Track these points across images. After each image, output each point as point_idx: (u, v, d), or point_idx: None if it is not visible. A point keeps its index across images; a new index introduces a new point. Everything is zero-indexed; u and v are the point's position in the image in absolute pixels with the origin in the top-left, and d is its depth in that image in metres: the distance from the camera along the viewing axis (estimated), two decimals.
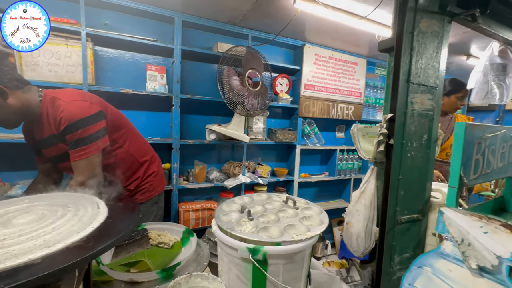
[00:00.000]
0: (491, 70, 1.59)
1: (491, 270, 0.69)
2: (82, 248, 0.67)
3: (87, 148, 1.17)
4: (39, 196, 1.01)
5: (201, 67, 2.32)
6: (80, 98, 1.23)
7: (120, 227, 0.79)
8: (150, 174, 1.68)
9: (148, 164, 1.58)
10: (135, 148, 1.50)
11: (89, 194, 1.05)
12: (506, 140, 1.02)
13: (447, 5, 1.15)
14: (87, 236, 0.73)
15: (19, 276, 0.53)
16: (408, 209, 1.18)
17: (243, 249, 0.94)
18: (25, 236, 0.70)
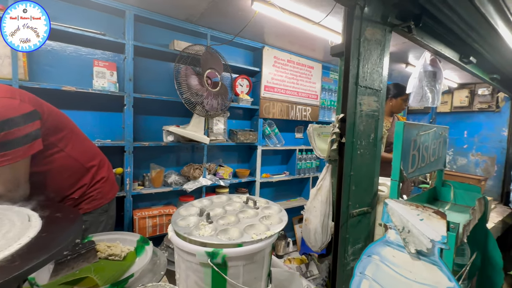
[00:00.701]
0: (425, 76, 1.81)
1: (426, 253, 0.77)
2: (4, 269, 0.58)
3: (10, 154, 1.00)
4: None
5: (156, 65, 2.20)
6: (7, 95, 1.06)
7: (57, 241, 0.70)
8: (99, 181, 1.53)
9: (95, 170, 1.44)
10: (79, 152, 1.35)
11: (18, 206, 0.91)
12: (437, 138, 1.16)
13: (387, 17, 1.27)
14: (12, 254, 0.63)
15: None
16: (359, 202, 1.27)
17: (201, 254, 0.91)
18: None
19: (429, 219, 0.77)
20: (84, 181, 1.39)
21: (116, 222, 2.01)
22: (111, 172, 1.67)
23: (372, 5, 1.19)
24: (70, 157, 1.31)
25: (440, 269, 0.75)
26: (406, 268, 0.83)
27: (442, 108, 4.07)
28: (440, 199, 1.29)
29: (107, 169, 1.60)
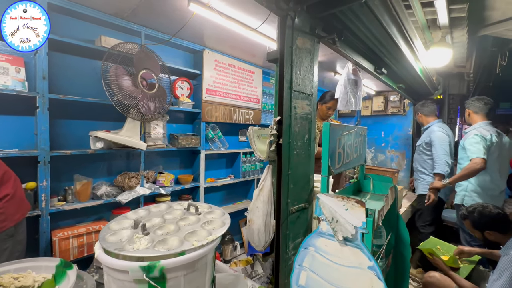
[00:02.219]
0: (348, 84, 2.06)
1: (351, 239, 0.87)
2: None
3: None
4: None
5: (80, 62, 1.93)
6: None
7: None
8: (1, 199, 1.27)
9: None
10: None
11: None
12: (358, 137, 1.33)
13: (315, 29, 1.40)
14: None
15: None
16: (298, 199, 1.36)
17: (135, 269, 0.83)
18: None
19: (352, 208, 0.87)
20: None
21: (29, 247, 1.69)
22: (18, 188, 1.40)
23: (301, 17, 1.30)
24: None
25: (362, 251, 0.85)
26: (336, 255, 0.92)
27: (365, 112, 4.70)
28: (363, 191, 1.49)
29: (13, 185, 1.34)
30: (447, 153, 2.58)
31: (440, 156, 2.58)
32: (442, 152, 2.58)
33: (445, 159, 2.55)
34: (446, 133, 2.69)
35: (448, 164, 2.54)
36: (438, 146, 2.61)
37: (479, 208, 1.70)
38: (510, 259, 1.37)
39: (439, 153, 2.59)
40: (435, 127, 2.73)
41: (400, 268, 1.39)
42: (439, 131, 2.68)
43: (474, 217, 1.69)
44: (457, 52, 3.40)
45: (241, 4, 1.60)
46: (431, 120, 2.85)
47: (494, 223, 1.61)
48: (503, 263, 1.40)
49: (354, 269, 0.87)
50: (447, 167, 2.52)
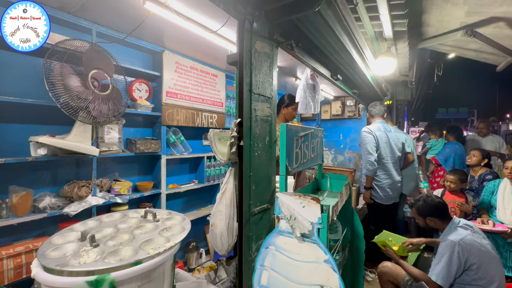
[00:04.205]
0: (307, 88, 2.16)
1: (308, 235, 0.90)
2: None
3: None
4: None
5: (19, 60, 1.72)
6: None
7: None
8: None
9: None
10: None
11: None
12: (314, 138, 1.40)
13: (274, 34, 1.45)
14: None
15: None
16: (260, 200, 1.37)
17: (81, 286, 0.75)
18: None
19: (309, 205, 0.91)
20: None
21: None
22: None
23: (260, 22, 1.33)
24: None
25: (318, 246, 0.89)
26: (295, 252, 0.95)
27: (324, 116, 4.97)
28: (321, 189, 1.56)
29: None
30: (368, 152, 2.64)
31: (363, 155, 2.75)
32: (364, 151, 2.72)
33: (367, 158, 2.65)
34: (369, 131, 2.70)
35: (369, 162, 2.63)
36: (362, 145, 2.76)
37: (423, 197, 1.90)
38: (447, 244, 1.55)
39: (362, 152, 2.77)
40: (365, 127, 2.81)
41: (356, 260, 1.49)
42: (364, 130, 2.76)
43: (419, 205, 1.89)
44: (401, 62, 3.81)
45: (201, 6, 1.59)
46: (375, 120, 2.91)
47: (435, 210, 1.81)
48: (441, 248, 1.58)
49: (312, 264, 0.90)
50: (368, 165, 2.64)
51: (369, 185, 2.72)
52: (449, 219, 1.78)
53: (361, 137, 2.77)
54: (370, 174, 2.66)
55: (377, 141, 2.69)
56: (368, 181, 2.71)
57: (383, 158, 2.72)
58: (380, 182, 2.72)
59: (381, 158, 2.70)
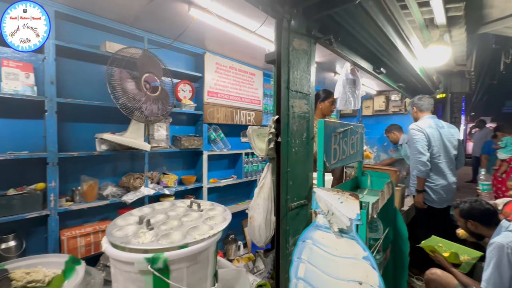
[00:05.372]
0: (347, 84, 2.10)
1: (346, 230, 0.90)
2: None
3: None
4: None
5: (86, 67, 2.00)
6: None
7: None
8: None
9: None
10: None
11: None
12: (354, 134, 1.36)
13: (311, 30, 1.44)
14: None
15: None
16: (297, 196, 1.39)
17: (141, 261, 0.87)
18: None
19: (347, 201, 0.90)
20: None
21: (38, 246, 1.75)
22: None
23: (297, 19, 1.34)
24: None
25: (357, 242, 0.89)
26: (333, 247, 0.95)
27: (366, 112, 4.72)
28: (360, 187, 1.51)
29: None
30: (418, 151, 2.40)
31: (412, 156, 2.48)
32: (413, 150, 2.46)
33: (417, 158, 2.41)
34: (419, 128, 2.46)
35: (420, 162, 2.39)
36: (411, 144, 2.50)
37: (471, 200, 1.73)
38: (494, 247, 1.42)
39: (412, 152, 2.49)
40: (413, 124, 2.56)
41: (399, 262, 1.42)
42: (412, 128, 2.51)
43: (463, 207, 1.72)
44: (457, 51, 3.42)
45: (240, 7, 1.66)
46: (424, 115, 2.65)
47: (480, 216, 1.64)
48: (488, 252, 1.45)
49: (350, 260, 0.90)
50: (420, 166, 2.40)
51: (422, 188, 2.47)
52: (495, 225, 1.59)
53: (409, 136, 2.53)
54: (423, 175, 2.41)
55: (429, 139, 2.44)
56: (420, 183, 2.46)
57: (436, 157, 2.47)
58: (432, 184, 2.47)
59: (433, 158, 2.46)
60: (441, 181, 2.47)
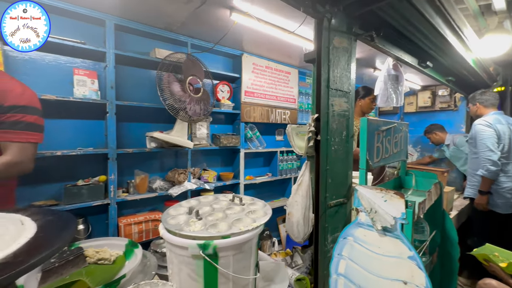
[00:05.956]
0: (388, 80, 2.01)
1: (390, 229, 0.90)
2: (11, 264, 0.61)
3: (38, 135, 1.18)
4: None
5: (138, 72, 2.23)
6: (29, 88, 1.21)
7: (58, 238, 0.73)
8: None
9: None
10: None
11: (7, 213, 0.93)
12: (398, 132, 1.32)
13: (352, 27, 1.43)
14: (14, 252, 0.66)
15: None
16: (336, 194, 1.40)
17: (193, 246, 0.97)
18: None
19: (391, 199, 0.90)
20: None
21: (100, 230, 2.00)
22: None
23: (338, 17, 1.34)
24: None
25: (402, 241, 0.88)
26: (375, 245, 0.95)
27: (409, 109, 4.42)
28: (404, 187, 1.46)
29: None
30: (488, 149, 2.19)
31: (479, 154, 2.26)
32: (482, 148, 2.23)
33: (486, 157, 2.19)
34: (488, 124, 2.27)
35: (490, 162, 2.17)
36: (478, 141, 2.28)
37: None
38: None
39: (479, 150, 2.26)
40: (480, 120, 2.36)
41: (447, 267, 1.34)
42: (479, 123, 2.31)
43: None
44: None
45: (278, 9, 1.70)
46: (489, 111, 2.44)
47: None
48: None
49: (394, 259, 0.90)
50: (488, 165, 2.18)
51: (487, 189, 2.26)
52: None
53: (475, 132, 2.32)
54: (491, 176, 2.19)
55: (499, 136, 2.22)
56: (486, 184, 2.25)
57: (504, 157, 2.23)
58: (498, 186, 2.26)
59: (501, 157, 2.24)
60: (509, 184, 2.23)
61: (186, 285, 1.05)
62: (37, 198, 1.78)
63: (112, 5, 1.74)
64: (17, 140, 1.11)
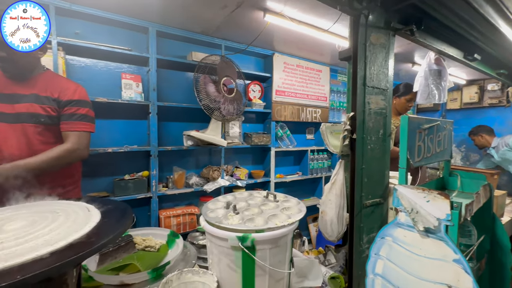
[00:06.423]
0: (430, 75, 1.90)
1: (434, 230, 0.87)
2: (85, 243, 0.72)
3: (92, 125, 1.34)
4: (22, 206, 1.01)
5: (176, 75, 2.37)
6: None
7: (120, 224, 0.84)
8: None
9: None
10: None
11: (74, 201, 1.07)
12: (441, 130, 1.25)
13: (390, 22, 1.38)
14: (87, 233, 0.77)
15: (28, 270, 0.56)
16: (372, 194, 1.37)
17: (233, 238, 1.03)
18: (22, 238, 0.72)
19: (434, 200, 0.87)
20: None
21: (143, 221, 2.17)
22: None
23: (375, 13, 1.31)
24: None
25: (446, 243, 0.85)
26: (416, 246, 0.93)
27: (452, 105, 4.09)
28: (448, 188, 1.38)
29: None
30: None
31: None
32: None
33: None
34: None
35: None
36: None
37: None
38: None
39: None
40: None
41: (498, 275, 1.24)
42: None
43: None
44: None
45: (312, 8, 1.70)
46: None
47: None
48: None
49: (437, 261, 0.87)
50: None
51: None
52: None
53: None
54: None
55: None
56: None
57: None
58: None
59: None
60: None
61: (225, 275, 1.12)
62: (91, 190, 2.00)
63: (155, 13, 1.88)
64: (74, 130, 1.27)
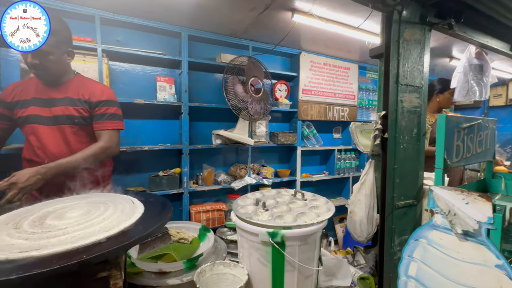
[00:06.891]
0: (470, 70, 1.78)
1: (473, 234, 0.84)
2: (134, 231, 0.81)
3: (121, 123, 1.42)
4: (76, 197, 1.15)
5: (205, 76, 2.47)
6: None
7: (162, 214, 0.92)
8: None
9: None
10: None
11: (120, 194, 1.18)
12: (483, 129, 1.18)
13: (426, 17, 1.33)
14: (135, 222, 0.86)
15: (90, 252, 0.65)
16: (404, 195, 1.33)
17: (264, 234, 1.07)
18: (82, 225, 0.83)
19: (474, 202, 0.83)
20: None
21: (175, 215, 2.30)
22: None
23: (410, 8, 1.27)
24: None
25: (488, 248, 0.81)
26: (453, 249, 0.90)
27: (495, 102, 3.76)
28: (490, 191, 1.29)
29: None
30: None
31: None
32: None
33: None
34: None
35: None
36: None
37: None
38: None
39: None
40: None
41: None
42: None
43: None
44: None
45: (342, 6, 1.68)
46: None
47: None
48: None
49: (477, 266, 0.83)
50: None
51: None
52: None
53: None
54: None
55: None
56: None
57: None
58: None
59: None
60: None
61: (255, 269, 1.17)
62: (130, 184, 2.16)
63: (187, 18, 1.98)
64: (106, 128, 1.37)
